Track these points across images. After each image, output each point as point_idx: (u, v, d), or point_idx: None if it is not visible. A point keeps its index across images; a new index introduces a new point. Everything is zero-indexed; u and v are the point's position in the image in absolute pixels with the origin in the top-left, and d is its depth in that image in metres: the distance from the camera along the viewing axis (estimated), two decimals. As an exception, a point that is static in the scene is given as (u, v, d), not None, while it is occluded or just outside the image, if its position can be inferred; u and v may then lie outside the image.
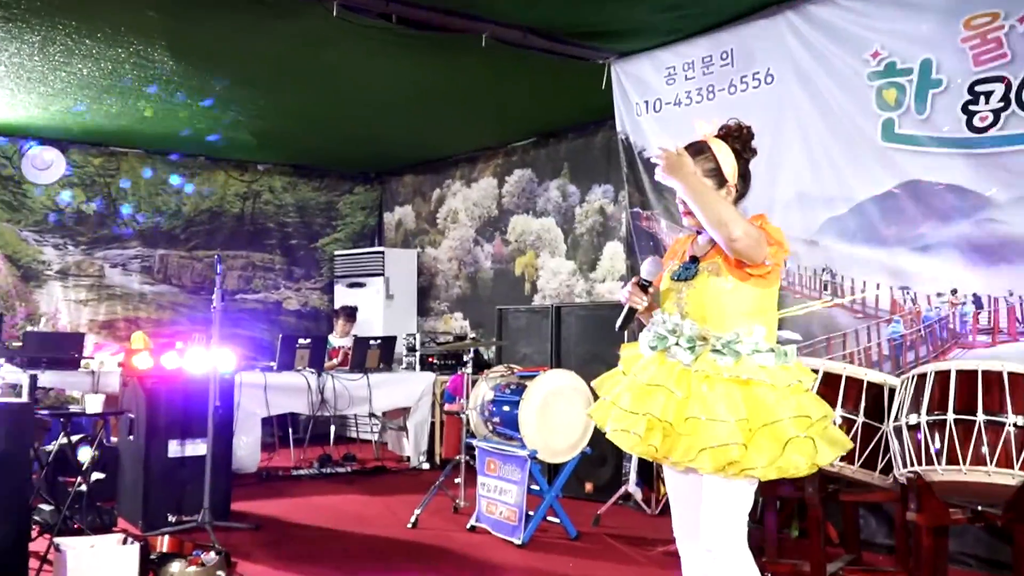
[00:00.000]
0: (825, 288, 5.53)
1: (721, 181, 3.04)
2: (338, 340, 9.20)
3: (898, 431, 3.99)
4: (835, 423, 3.16)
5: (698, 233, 3.16)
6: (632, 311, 3.18)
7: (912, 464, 3.90)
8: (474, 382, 6.37)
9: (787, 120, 5.76)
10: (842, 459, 4.11)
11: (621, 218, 8.20)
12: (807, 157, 5.65)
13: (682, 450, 2.87)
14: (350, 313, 9.45)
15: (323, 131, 9.38)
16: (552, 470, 6.55)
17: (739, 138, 3.09)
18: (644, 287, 3.14)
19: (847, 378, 4.30)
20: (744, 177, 3.10)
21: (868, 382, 4.31)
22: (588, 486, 7.00)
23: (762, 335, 2.92)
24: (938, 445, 3.80)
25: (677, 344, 2.96)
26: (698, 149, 3.05)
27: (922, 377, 3.99)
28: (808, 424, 2.85)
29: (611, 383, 3.14)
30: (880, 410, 4.27)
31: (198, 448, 5.92)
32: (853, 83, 5.40)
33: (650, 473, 6.48)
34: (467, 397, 6.30)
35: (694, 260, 3.08)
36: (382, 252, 10.71)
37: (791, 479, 3.30)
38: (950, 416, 3.79)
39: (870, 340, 5.31)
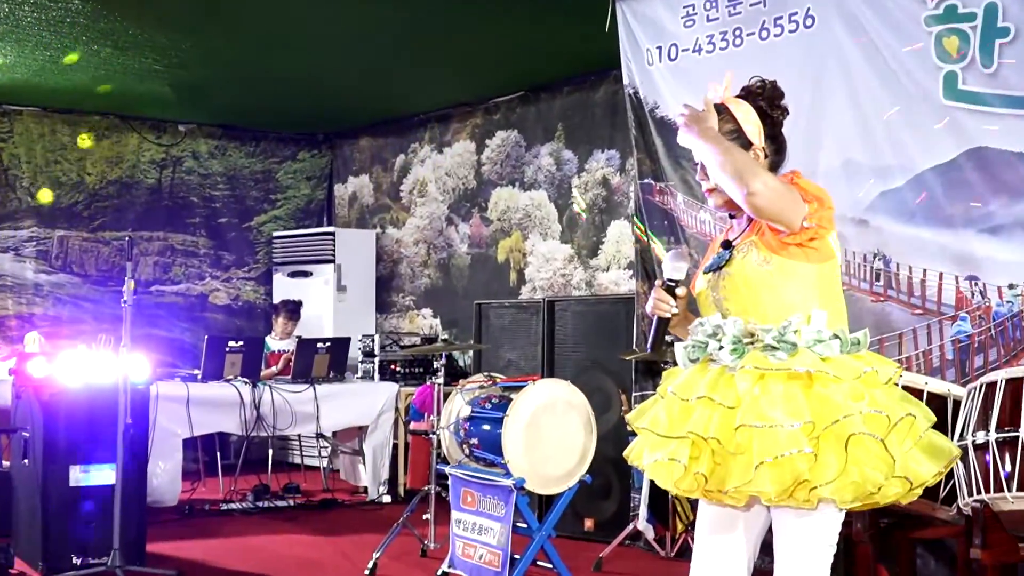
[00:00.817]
0: (877, 278, 5.58)
1: (745, 144, 3.09)
2: (277, 343, 9.25)
3: (963, 452, 4.03)
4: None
5: (732, 217, 3.22)
6: (663, 323, 3.13)
7: (979, 491, 3.96)
8: (447, 395, 6.42)
9: (830, 72, 5.81)
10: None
11: (628, 191, 8.27)
12: (855, 117, 5.69)
13: (738, 472, 2.81)
14: (292, 309, 9.48)
15: (259, 83, 9.40)
16: (544, 503, 6.61)
17: (762, 95, 3.17)
18: (671, 289, 3.13)
19: (903, 388, 4.37)
20: (775, 140, 3.16)
21: (929, 392, 4.35)
22: (588, 523, 7.07)
23: (823, 320, 2.90)
24: (1008, 468, 3.87)
25: (720, 348, 2.94)
26: (715, 112, 3.10)
27: (991, 386, 4.05)
28: (886, 425, 2.79)
29: (648, 409, 3.11)
30: (943, 426, 4.31)
31: (105, 475, 5.96)
32: (909, 28, 5.43)
33: (664, 507, 6.52)
34: (438, 414, 6.35)
35: (727, 245, 3.10)
36: (332, 233, 10.75)
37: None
38: (1023, 433, 3.87)
39: (931, 342, 5.36)
